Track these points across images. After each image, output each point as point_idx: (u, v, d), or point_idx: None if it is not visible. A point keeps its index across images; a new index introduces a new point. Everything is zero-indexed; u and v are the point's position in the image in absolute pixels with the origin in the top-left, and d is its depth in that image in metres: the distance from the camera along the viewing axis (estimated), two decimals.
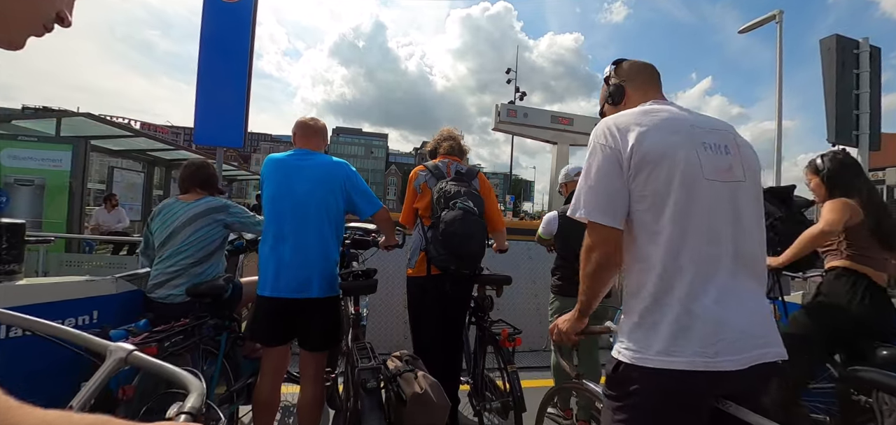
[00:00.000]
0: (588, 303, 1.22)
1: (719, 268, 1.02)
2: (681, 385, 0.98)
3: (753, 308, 1.04)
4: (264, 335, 2.00)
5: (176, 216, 2.17)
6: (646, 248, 1.05)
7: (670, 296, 1.00)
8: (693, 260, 1.01)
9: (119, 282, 1.84)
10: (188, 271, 2.13)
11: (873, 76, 6.78)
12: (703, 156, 1.06)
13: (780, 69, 7.62)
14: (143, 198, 9.66)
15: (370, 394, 1.72)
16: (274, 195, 1.98)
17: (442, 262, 2.15)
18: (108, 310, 1.77)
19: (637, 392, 1.02)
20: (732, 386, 1.02)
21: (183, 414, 0.56)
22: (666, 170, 1.03)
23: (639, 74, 1.29)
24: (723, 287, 1.01)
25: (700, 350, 0.97)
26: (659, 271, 1.02)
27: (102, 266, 4.99)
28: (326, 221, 1.99)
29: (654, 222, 1.04)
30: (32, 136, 6.29)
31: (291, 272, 1.90)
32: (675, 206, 1.02)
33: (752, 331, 1.02)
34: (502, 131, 21.50)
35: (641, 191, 1.05)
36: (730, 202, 1.06)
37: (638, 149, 1.04)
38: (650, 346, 1.00)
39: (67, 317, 1.62)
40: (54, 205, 6.01)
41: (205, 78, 4.50)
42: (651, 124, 1.08)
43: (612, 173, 1.07)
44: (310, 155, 2.06)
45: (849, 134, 6.82)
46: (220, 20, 4.47)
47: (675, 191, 1.02)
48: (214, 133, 4.67)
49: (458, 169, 2.35)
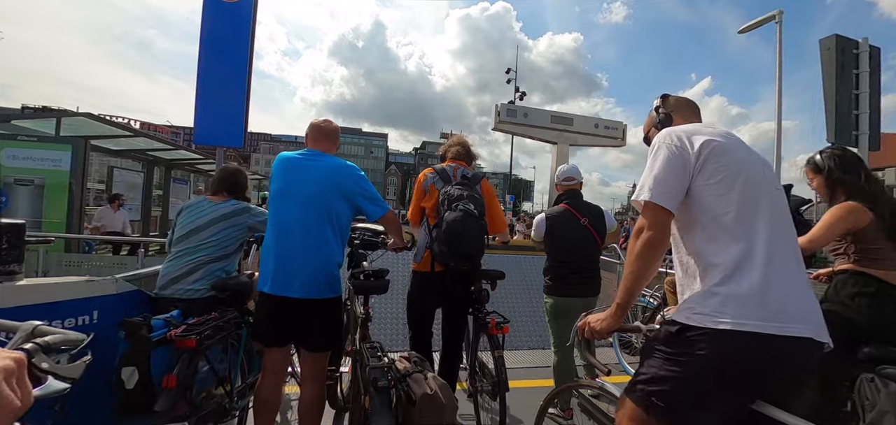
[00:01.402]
0: (630, 293, 1.30)
1: (781, 252, 1.17)
2: (751, 348, 1.10)
3: (809, 292, 1.19)
4: (266, 334, 2.00)
5: (203, 214, 2.27)
6: (716, 227, 1.20)
7: (746, 272, 1.13)
8: (763, 245, 1.15)
9: (119, 283, 1.84)
10: (205, 267, 2.19)
11: (873, 76, 6.78)
12: (753, 159, 1.29)
13: (779, 69, 7.62)
14: (143, 198, 9.66)
15: (381, 393, 1.73)
16: (279, 192, 2.00)
17: (443, 259, 2.28)
18: (109, 310, 1.77)
19: (702, 351, 1.13)
20: (791, 360, 1.12)
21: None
22: (733, 164, 1.23)
23: (684, 107, 1.54)
24: (786, 270, 1.16)
25: (770, 318, 1.09)
26: (736, 252, 1.16)
27: (103, 266, 5.00)
28: (329, 222, 1.98)
29: (727, 207, 1.20)
30: (32, 136, 6.28)
31: (291, 270, 1.90)
32: (742, 195, 1.20)
33: (806, 312, 1.14)
34: (502, 131, 21.47)
35: (708, 180, 1.23)
36: (778, 201, 1.25)
37: (706, 147, 1.24)
38: (723, 314, 1.11)
39: (67, 317, 1.62)
40: (54, 205, 6.00)
41: (205, 78, 4.50)
42: (708, 131, 1.31)
43: (677, 166, 1.25)
44: (319, 156, 2.08)
45: (848, 134, 6.82)
46: (220, 20, 4.47)
47: (741, 184, 1.21)
48: (214, 133, 4.66)
49: (465, 173, 2.51)
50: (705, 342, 1.12)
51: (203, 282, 2.18)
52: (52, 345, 0.66)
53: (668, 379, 1.18)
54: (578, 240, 2.86)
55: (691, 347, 1.14)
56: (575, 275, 2.81)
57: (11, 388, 0.47)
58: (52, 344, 0.66)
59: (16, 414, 0.46)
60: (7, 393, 0.45)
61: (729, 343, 1.10)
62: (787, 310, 1.11)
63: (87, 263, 4.91)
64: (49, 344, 0.66)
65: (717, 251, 1.19)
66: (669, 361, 1.19)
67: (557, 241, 2.91)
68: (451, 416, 1.77)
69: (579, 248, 2.85)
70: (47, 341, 0.66)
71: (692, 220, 1.26)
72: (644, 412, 1.22)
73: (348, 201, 2.04)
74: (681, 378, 1.16)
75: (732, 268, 1.15)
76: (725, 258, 1.17)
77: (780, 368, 1.13)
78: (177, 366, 1.64)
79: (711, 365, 1.12)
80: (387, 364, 1.84)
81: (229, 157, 29.98)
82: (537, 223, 3.00)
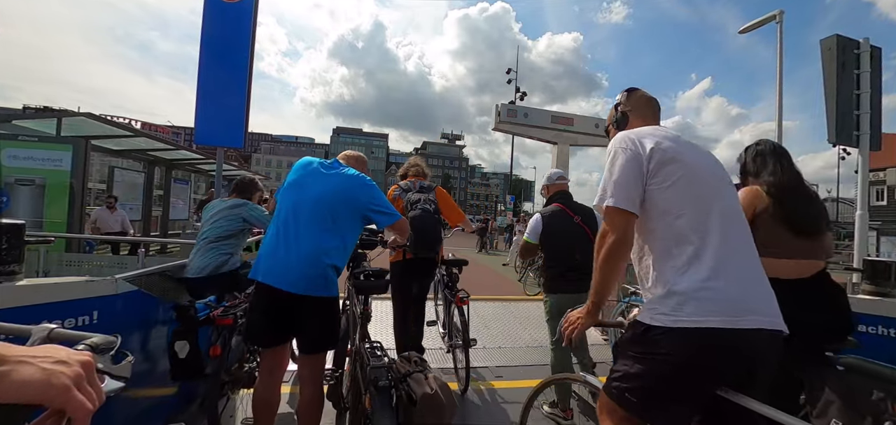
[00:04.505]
0: (601, 293, 1.38)
1: (733, 248, 1.23)
2: (708, 342, 1.15)
3: (764, 284, 1.26)
4: (260, 332, 2.00)
5: (212, 210, 2.93)
6: (670, 231, 1.26)
7: (699, 270, 1.19)
8: (715, 244, 1.21)
9: (119, 283, 1.84)
10: (206, 247, 2.77)
11: (874, 76, 6.77)
12: (704, 161, 1.35)
13: (780, 70, 7.61)
14: (144, 198, 9.67)
15: (381, 393, 1.73)
16: (289, 185, 2.06)
17: (413, 248, 2.94)
18: (109, 310, 1.77)
19: (665, 348, 1.19)
20: (748, 350, 1.18)
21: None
22: (683, 167, 1.29)
23: (644, 107, 1.57)
24: (739, 264, 1.22)
25: (726, 313, 1.15)
26: (688, 252, 1.22)
27: (103, 266, 4.99)
28: (332, 224, 1.97)
29: (676, 211, 1.26)
30: (33, 136, 6.28)
31: (287, 262, 1.89)
32: (695, 198, 1.27)
33: (762, 305, 1.21)
34: (502, 131, 21.48)
35: (661, 183, 1.28)
36: (729, 200, 1.32)
37: (656, 151, 1.30)
38: (681, 312, 1.18)
39: (67, 318, 1.61)
40: (55, 205, 6.01)
41: (205, 78, 4.50)
42: (661, 135, 1.36)
43: (633, 170, 1.30)
44: (339, 165, 2.14)
45: (849, 134, 6.81)
46: (221, 20, 4.48)
47: (692, 186, 1.28)
48: (215, 133, 4.67)
49: (422, 185, 3.29)
50: (668, 340, 1.19)
51: (201, 260, 2.73)
52: (99, 347, 0.66)
53: (638, 376, 1.26)
54: (573, 237, 2.92)
55: (656, 346, 1.22)
56: (572, 272, 2.85)
57: (84, 391, 0.48)
58: (98, 346, 0.66)
59: (90, 415, 0.48)
60: (80, 398, 0.47)
61: (689, 339, 1.17)
62: (743, 304, 1.17)
63: (88, 263, 4.90)
64: (96, 345, 0.66)
65: (672, 254, 1.25)
66: (638, 360, 1.27)
67: (553, 239, 2.97)
68: (451, 416, 1.78)
69: (575, 245, 2.89)
70: (95, 343, 0.66)
71: (649, 223, 1.32)
72: (620, 407, 1.30)
73: (356, 210, 2.04)
74: (649, 374, 1.24)
75: (688, 267, 1.21)
76: (681, 259, 1.23)
77: (738, 359, 1.19)
78: (219, 339, 2.11)
79: (675, 361, 1.19)
80: (387, 363, 1.84)
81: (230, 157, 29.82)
82: (533, 223, 3.05)
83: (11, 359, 0.44)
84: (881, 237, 19.13)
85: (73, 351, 0.51)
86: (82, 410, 0.46)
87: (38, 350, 0.48)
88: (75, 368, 0.47)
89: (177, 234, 10.32)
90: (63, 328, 0.72)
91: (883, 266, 2.30)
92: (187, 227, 10.82)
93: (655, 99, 1.60)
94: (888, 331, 2.14)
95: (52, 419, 0.46)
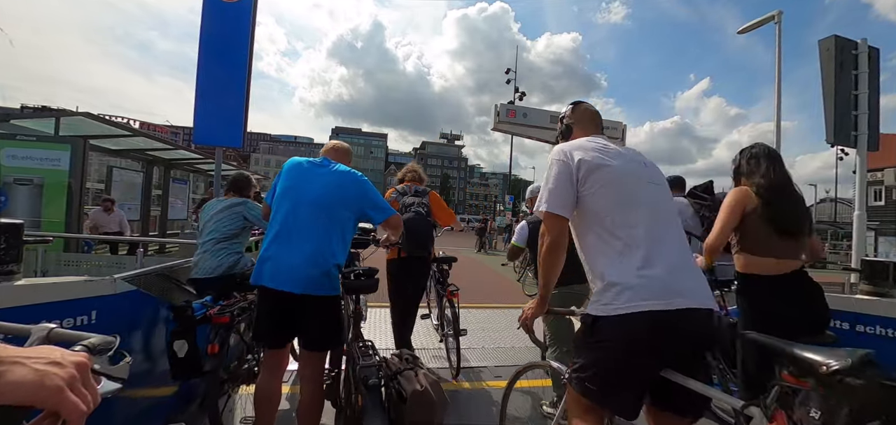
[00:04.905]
0: (547, 286, 1.53)
1: (660, 240, 1.38)
2: (645, 324, 1.27)
3: (691, 269, 1.40)
4: (265, 333, 2.03)
5: (211, 209, 2.94)
6: (605, 232, 1.40)
7: (631, 264, 1.33)
8: (642, 237, 1.36)
9: (118, 283, 1.83)
10: (213, 247, 2.78)
11: (872, 77, 6.79)
12: (631, 166, 1.49)
13: (778, 70, 7.62)
14: (142, 197, 9.64)
15: (372, 391, 1.75)
16: (284, 190, 2.06)
17: (405, 247, 3.14)
18: (108, 310, 1.77)
19: (610, 335, 1.32)
20: (682, 328, 1.30)
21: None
22: (608, 174, 1.44)
23: (587, 121, 1.72)
24: (666, 254, 1.36)
25: (663, 296, 1.28)
26: (619, 247, 1.37)
27: (101, 266, 4.98)
28: (330, 223, 2.01)
29: (608, 211, 1.41)
30: (31, 136, 6.26)
31: (290, 265, 1.91)
32: (621, 199, 1.41)
33: (698, 289, 1.36)
34: (501, 131, 21.37)
35: (590, 189, 1.44)
36: (655, 197, 1.47)
37: (584, 163, 1.45)
38: (626, 299, 1.30)
39: (66, 317, 1.61)
40: (53, 205, 5.99)
41: (204, 78, 4.49)
42: (591, 146, 1.51)
43: (565, 179, 1.46)
44: (328, 163, 2.15)
45: (847, 134, 6.82)
46: (220, 20, 4.47)
47: (619, 189, 1.43)
48: (214, 132, 4.66)
49: (416, 189, 3.54)
50: (611, 328, 1.32)
51: (213, 260, 2.73)
52: (96, 347, 0.66)
53: (593, 365, 1.38)
54: None
55: (603, 335, 1.35)
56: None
57: (78, 392, 0.47)
58: (96, 347, 0.66)
59: (84, 417, 0.47)
60: (74, 400, 0.46)
61: (628, 324, 1.29)
62: (672, 288, 1.30)
63: (86, 263, 4.89)
64: (94, 346, 0.66)
65: (605, 250, 1.40)
66: (591, 350, 1.40)
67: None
68: (442, 412, 1.81)
69: None
70: (92, 343, 0.65)
71: (584, 226, 1.48)
72: (583, 397, 1.40)
73: (352, 206, 2.08)
74: (601, 362, 1.36)
75: (621, 260, 1.35)
76: (613, 255, 1.37)
77: (673, 336, 1.31)
78: (217, 337, 2.13)
79: (619, 346, 1.32)
80: (377, 362, 1.86)
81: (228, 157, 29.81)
82: (520, 229, 3.30)
83: (5, 360, 0.44)
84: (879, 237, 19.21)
85: (68, 352, 0.51)
86: (76, 412, 0.46)
87: (32, 351, 0.48)
88: (69, 369, 0.47)
89: (175, 234, 10.29)
90: (62, 328, 0.72)
91: (881, 266, 2.31)
92: (186, 227, 10.81)
93: (598, 111, 1.78)
94: (886, 332, 2.15)
95: (48, 421, 0.45)
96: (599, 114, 1.77)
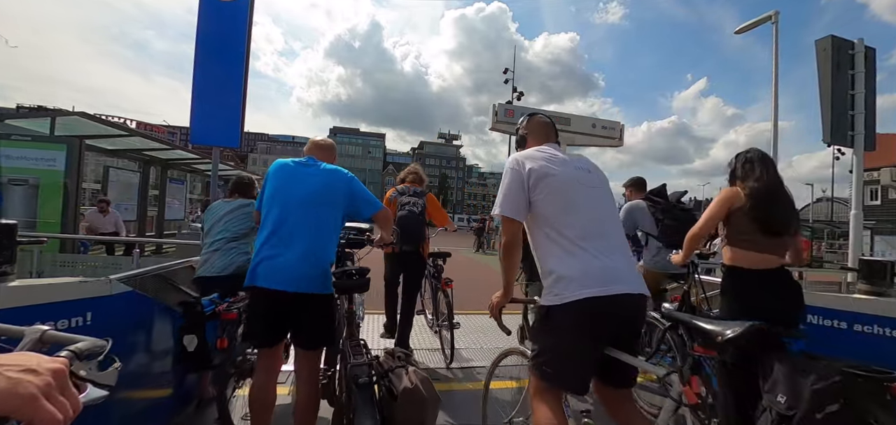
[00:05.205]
0: (508, 278, 1.72)
1: (605, 239, 1.58)
2: (593, 307, 1.46)
3: (631, 263, 1.64)
4: (259, 333, 2.03)
5: (218, 211, 2.99)
6: (553, 232, 1.59)
7: (575, 258, 1.53)
8: (588, 236, 1.56)
9: (113, 284, 1.81)
10: (224, 246, 2.84)
11: (868, 77, 6.81)
12: (574, 173, 1.67)
13: (775, 70, 7.64)
14: (139, 198, 9.60)
15: (362, 389, 1.77)
16: (274, 192, 2.06)
17: (399, 242, 3.32)
18: (103, 311, 1.75)
19: (565, 319, 1.50)
20: (618, 311, 1.50)
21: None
22: (553, 181, 1.62)
23: (539, 132, 1.90)
24: (605, 250, 1.56)
25: (602, 284, 1.48)
26: (565, 245, 1.56)
27: (97, 267, 4.96)
28: (321, 222, 2.03)
29: (554, 214, 1.60)
30: (26, 136, 6.22)
31: (283, 264, 1.92)
32: (566, 203, 1.60)
33: (631, 277, 1.57)
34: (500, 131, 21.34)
35: (538, 195, 1.62)
36: (596, 199, 1.67)
37: (533, 172, 1.63)
38: (571, 289, 1.49)
39: (60, 319, 1.60)
40: (49, 205, 5.95)
41: (201, 77, 4.47)
42: (539, 156, 1.70)
43: (517, 186, 1.64)
44: (314, 163, 2.16)
45: (844, 134, 6.85)
46: (216, 19, 4.45)
47: (564, 194, 1.61)
48: (210, 132, 4.64)
49: (415, 190, 3.79)
50: (559, 315, 1.51)
51: (223, 259, 2.79)
52: (84, 352, 0.64)
53: (547, 351, 1.56)
54: None
55: (553, 322, 1.53)
56: None
57: (55, 401, 0.45)
58: (84, 351, 0.64)
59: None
60: (49, 409, 0.44)
61: (572, 310, 1.48)
62: (607, 277, 1.50)
63: (82, 264, 4.86)
64: (82, 351, 0.63)
65: (553, 248, 1.58)
66: (545, 336, 1.59)
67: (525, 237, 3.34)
68: (433, 409, 1.84)
69: None
70: (80, 348, 0.63)
71: (535, 227, 1.66)
72: (542, 381, 1.57)
73: (341, 204, 2.10)
74: (554, 347, 1.54)
75: (565, 257, 1.54)
76: (560, 253, 1.56)
77: (611, 317, 1.50)
78: (225, 333, 2.21)
79: (566, 330, 1.50)
80: (368, 360, 1.87)
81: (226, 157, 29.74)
82: None
83: None
84: (875, 236, 19.30)
85: (45, 359, 0.48)
86: (51, 421, 0.44)
87: (7, 357, 0.46)
88: (45, 377, 0.45)
89: (172, 234, 10.26)
90: (56, 330, 0.71)
91: (879, 265, 2.31)
92: (183, 227, 10.77)
93: (550, 122, 1.95)
94: (884, 331, 2.14)
95: None
96: (551, 125, 1.94)
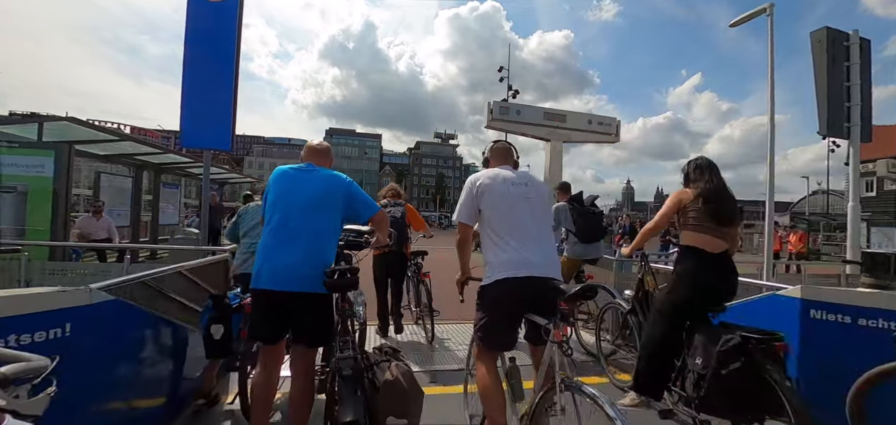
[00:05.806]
0: (463, 262, 2.28)
1: (527, 237, 2.06)
2: (510, 285, 1.98)
3: (546, 255, 2.07)
4: (262, 331, 2.13)
5: (257, 215, 3.23)
6: (492, 232, 2.10)
7: (505, 252, 2.03)
8: (513, 234, 2.06)
9: (94, 293, 1.74)
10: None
11: (863, 68, 6.79)
12: (511, 188, 2.14)
13: (771, 63, 7.62)
14: (132, 203, 9.48)
15: (346, 382, 1.85)
16: (275, 199, 2.17)
17: (394, 243, 3.75)
18: (83, 322, 1.67)
19: (492, 294, 2.03)
20: (534, 290, 1.95)
21: None
22: (494, 194, 2.12)
23: (499, 156, 2.37)
24: (530, 245, 2.04)
25: (517, 269, 1.98)
26: (497, 241, 2.07)
27: (87, 274, 4.85)
28: (321, 225, 2.14)
29: (492, 219, 2.11)
30: (13, 142, 6.12)
31: (285, 266, 2.02)
32: (501, 211, 2.11)
33: (543, 264, 2.01)
34: (495, 129, 21.45)
35: (483, 205, 2.13)
36: (527, 207, 2.12)
37: (480, 187, 2.15)
38: (497, 272, 2.01)
39: (37, 331, 1.51)
40: (38, 212, 5.86)
41: (190, 79, 4.40)
42: (486, 176, 2.20)
43: (469, 198, 2.17)
44: (313, 168, 2.27)
45: (840, 126, 6.83)
46: (205, 20, 4.37)
47: (500, 204, 2.11)
48: (202, 135, 4.57)
49: (395, 202, 4.50)
50: (491, 290, 2.03)
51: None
52: (10, 377, 0.57)
53: (482, 319, 2.07)
54: None
55: (487, 296, 2.05)
56: None
57: None
58: (10, 376, 0.57)
59: None
60: None
61: (498, 287, 2.00)
62: (527, 263, 1.98)
63: (72, 272, 4.75)
64: (7, 376, 0.56)
65: (491, 245, 2.10)
66: (482, 310, 2.09)
67: None
68: (416, 402, 2.00)
69: None
70: (4, 373, 0.57)
71: (482, 229, 2.17)
72: (480, 343, 2.08)
73: (340, 208, 2.22)
74: (487, 317, 2.05)
75: (495, 249, 2.07)
76: (495, 248, 2.07)
77: (528, 292, 1.96)
78: (247, 324, 2.34)
79: (494, 303, 2.03)
80: (353, 355, 1.98)
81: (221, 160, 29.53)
82: None
83: None
84: (871, 227, 19.37)
85: None
86: None
87: None
88: None
89: (166, 240, 10.14)
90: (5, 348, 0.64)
91: (882, 258, 2.27)
92: (177, 232, 10.66)
93: (509, 147, 2.43)
94: (889, 325, 2.10)
95: None
96: (510, 149, 2.43)
